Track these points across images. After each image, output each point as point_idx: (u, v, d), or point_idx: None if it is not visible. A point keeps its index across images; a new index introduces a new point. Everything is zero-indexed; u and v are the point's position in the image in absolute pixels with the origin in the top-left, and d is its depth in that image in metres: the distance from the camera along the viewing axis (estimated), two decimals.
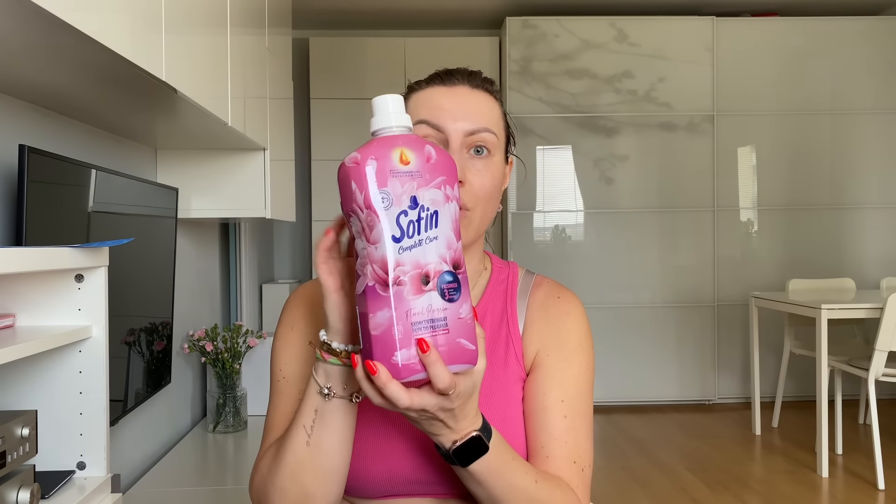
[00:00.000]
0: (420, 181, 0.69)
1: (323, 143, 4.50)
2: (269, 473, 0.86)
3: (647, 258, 4.46)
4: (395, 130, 0.71)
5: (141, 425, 2.18)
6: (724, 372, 4.49)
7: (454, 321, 0.70)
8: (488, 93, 0.95)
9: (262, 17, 2.32)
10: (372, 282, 0.68)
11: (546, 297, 0.99)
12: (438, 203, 0.70)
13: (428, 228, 0.69)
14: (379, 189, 0.68)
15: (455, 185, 0.72)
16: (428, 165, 0.70)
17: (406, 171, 0.68)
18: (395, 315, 0.67)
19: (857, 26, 4.46)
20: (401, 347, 0.68)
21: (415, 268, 0.68)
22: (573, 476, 0.90)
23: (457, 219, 0.71)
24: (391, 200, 0.68)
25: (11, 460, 0.99)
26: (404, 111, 0.72)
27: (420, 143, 0.71)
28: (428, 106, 0.92)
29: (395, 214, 0.68)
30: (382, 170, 0.68)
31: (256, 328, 3.60)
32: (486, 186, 0.91)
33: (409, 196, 0.68)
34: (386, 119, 0.71)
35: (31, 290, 1.15)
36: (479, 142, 0.91)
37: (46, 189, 1.36)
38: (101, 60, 1.15)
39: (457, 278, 0.70)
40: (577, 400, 0.93)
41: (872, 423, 3.09)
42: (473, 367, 0.72)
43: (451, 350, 0.70)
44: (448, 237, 0.70)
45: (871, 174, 4.50)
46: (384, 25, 4.74)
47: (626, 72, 4.41)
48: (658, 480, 3.17)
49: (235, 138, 2.05)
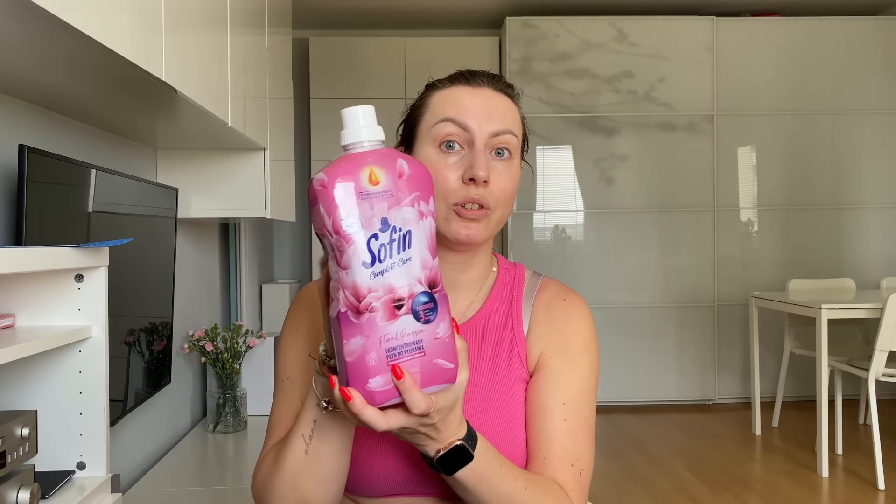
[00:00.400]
0: (391, 201, 0.66)
1: (323, 143, 4.50)
2: (269, 478, 0.87)
3: (647, 258, 4.46)
4: (365, 146, 0.68)
5: (141, 425, 2.18)
6: (724, 372, 4.49)
7: (430, 342, 0.68)
8: (509, 97, 0.96)
9: (261, 17, 2.32)
10: (344, 308, 0.66)
11: (552, 299, 0.99)
12: (411, 222, 0.67)
13: (401, 250, 0.67)
14: (347, 213, 0.65)
15: (430, 199, 0.69)
16: (400, 182, 0.67)
17: (376, 192, 0.66)
18: (368, 342, 0.66)
19: (857, 26, 4.46)
20: (374, 374, 0.67)
21: (387, 293, 0.66)
22: (569, 479, 0.90)
23: (432, 235, 0.69)
24: (361, 224, 0.65)
25: (11, 460, 0.99)
26: (376, 123, 0.70)
27: (391, 157, 0.68)
28: (454, 104, 0.92)
29: (366, 239, 0.65)
30: (351, 192, 0.65)
31: (256, 328, 3.60)
32: (507, 189, 0.91)
33: (379, 218, 0.66)
34: (356, 133, 0.69)
35: (31, 290, 1.15)
36: (503, 144, 0.91)
37: (46, 189, 1.36)
38: (101, 60, 1.15)
39: (433, 298, 0.68)
40: (578, 403, 0.93)
41: (872, 423, 3.09)
42: (451, 386, 0.72)
43: (428, 372, 0.68)
44: (423, 256, 0.68)
45: (871, 174, 4.50)
46: (384, 25, 4.74)
47: (626, 72, 4.41)
48: (658, 480, 3.17)
49: (235, 138, 2.05)
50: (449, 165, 0.89)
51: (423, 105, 0.95)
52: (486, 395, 0.92)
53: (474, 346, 0.95)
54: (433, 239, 0.70)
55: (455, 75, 0.96)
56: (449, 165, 0.89)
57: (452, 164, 0.90)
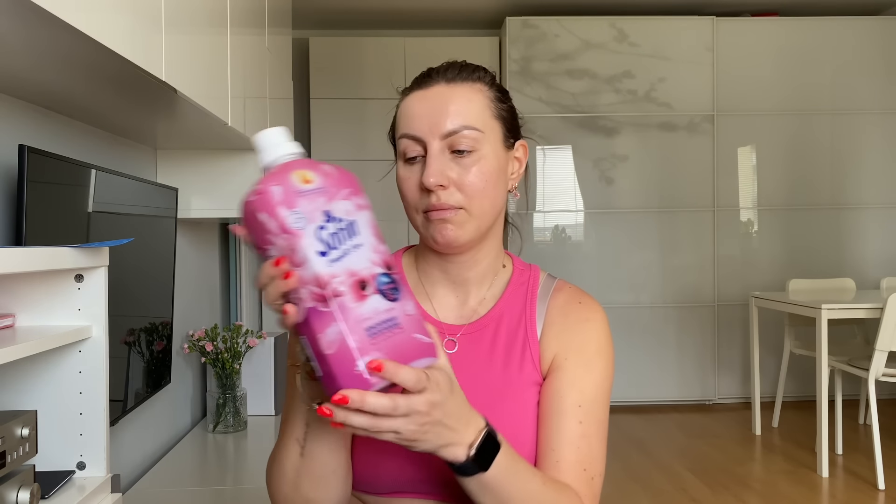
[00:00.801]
0: (327, 195, 0.68)
1: (323, 143, 4.50)
2: (273, 481, 0.88)
3: (647, 258, 4.46)
4: (286, 158, 0.71)
5: (141, 425, 2.18)
6: (724, 372, 4.49)
7: (404, 318, 0.69)
8: (469, 82, 0.92)
9: (261, 17, 2.32)
10: (311, 303, 0.66)
11: (567, 303, 0.97)
12: (352, 213, 0.69)
13: (350, 237, 0.68)
14: (290, 210, 0.67)
15: (362, 194, 0.72)
16: (330, 181, 0.69)
17: (311, 189, 0.68)
18: (346, 326, 0.66)
19: (857, 26, 4.46)
20: (362, 355, 0.66)
21: (350, 276, 0.67)
22: (581, 483, 0.88)
23: (375, 224, 0.71)
24: (306, 219, 0.67)
25: (11, 460, 0.99)
26: (290, 139, 0.72)
27: (314, 163, 0.70)
28: (406, 116, 0.92)
29: (314, 230, 0.67)
30: (288, 192, 0.67)
31: (256, 328, 3.60)
32: (475, 182, 0.89)
33: (321, 211, 0.67)
34: (274, 150, 0.71)
35: (31, 290, 1.15)
36: (457, 144, 0.89)
37: (46, 189, 1.36)
38: (101, 60, 1.15)
39: (393, 279, 0.70)
40: (593, 406, 0.91)
41: (872, 423, 3.09)
42: (437, 361, 0.72)
43: (410, 348, 0.69)
44: (372, 242, 0.70)
45: (871, 174, 4.50)
46: (384, 25, 4.74)
47: (626, 72, 4.41)
48: (658, 480, 3.17)
49: (235, 138, 2.05)
50: (411, 177, 0.91)
51: (395, 116, 0.95)
52: (498, 394, 0.91)
53: (485, 344, 0.94)
54: (377, 228, 0.71)
55: (414, 80, 0.95)
56: (411, 177, 0.91)
57: (413, 174, 0.90)
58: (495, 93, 0.95)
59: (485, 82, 0.94)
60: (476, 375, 0.92)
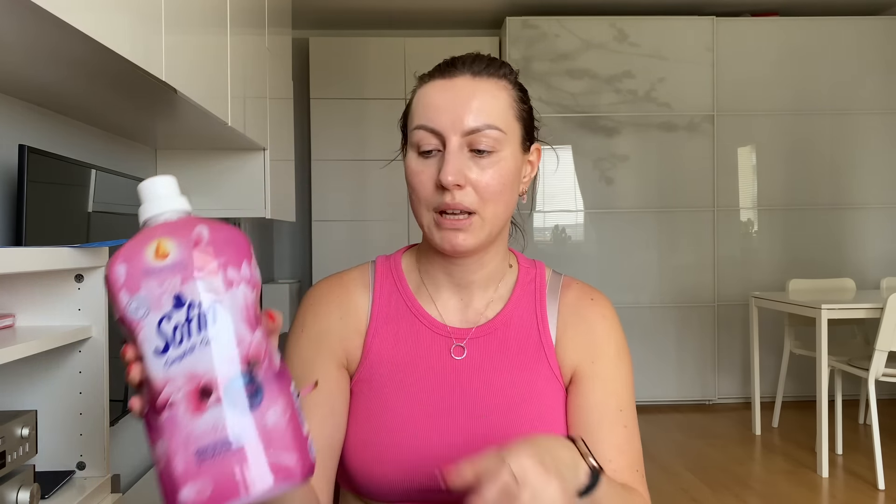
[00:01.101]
0: (184, 274, 0.57)
1: (323, 143, 4.50)
2: None
3: (647, 258, 4.46)
4: (162, 218, 0.61)
5: (141, 425, 2.18)
6: (724, 372, 4.49)
7: (260, 433, 0.56)
8: (495, 78, 0.88)
9: (261, 17, 2.32)
10: (147, 406, 0.58)
11: (578, 300, 0.96)
12: (216, 293, 0.57)
13: (202, 328, 0.56)
14: (131, 296, 0.57)
15: (244, 263, 0.59)
16: (197, 251, 0.58)
17: (164, 267, 0.57)
18: (172, 445, 0.55)
19: (857, 26, 4.46)
20: (184, 484, 0.55)
21: (189, 381, 0.56)
22: (638, 483, 0.89)
23: (248, 305, 0.59)
24: (148, 307, 0.56)
25: (11, 460, 0.99)
26: (178, 193, 0.62)
27: (188, 226, 0.59)
28: (426, 105, 0.86)
29: (156, 321, 0.56)
30: (133, 272, 0.57)
31: None
32: (492, 185, 0.85)
33: (171, 295, 0.57)
34: (155, 205, 0.61)
35: (31, 290, 1.15)
36: (478, 143, 0.84)
37: (46, 189, 1.36)
38: (101, 60, 1.15)
39: (254, 379, 0.57)
40: (630, 405, 0.93)
41: (872, 423, 3.09)
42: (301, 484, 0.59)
43: (259, 475, 0.55)
44: (236, 331, 0.57)
45: (871, 174, 4.50)
46: (384, 25, 4.74)
47: (626, 72, 4.41)
48: (658, 480, 3.17)
49: (235, 138, 2.05)
50: (425, 171, 0.86)
51: (410, 104, 0.90)
52: (517, 398, 0.90)
53: (496, 347, 0.92)
54: (252, 309, 0.59)
55: (434, 68, 0.89)
56: (425, 171, 0.86)
57: (428, 168, 0.86)
58: (518, 92, 0.91)
59: (510, 80, 0.90)
60: (490, 380, 0.90)
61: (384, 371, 0.90)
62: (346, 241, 4.48)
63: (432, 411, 0.88)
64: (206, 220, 0.60)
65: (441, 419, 0.88)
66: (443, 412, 0.89)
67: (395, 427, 0.88)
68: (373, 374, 0.90)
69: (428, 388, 0.89)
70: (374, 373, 0.90)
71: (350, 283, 0.96)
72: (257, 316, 0.60)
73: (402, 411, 0.88)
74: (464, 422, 0.88)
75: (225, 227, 0.61)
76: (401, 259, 0.99)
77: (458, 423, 0.88)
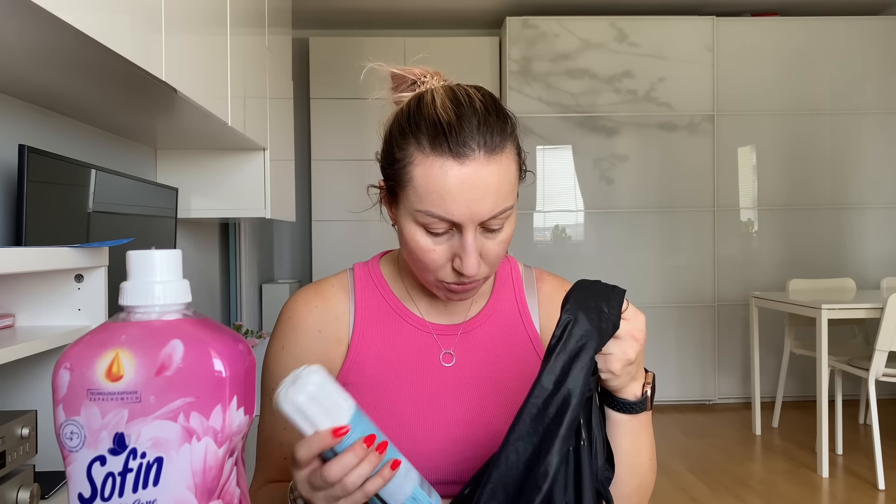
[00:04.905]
0: (136, 408, 0.45)
1: (323, 143, 4.50)
2: None
3: (647, 258, 4.46)
4: (139, 313, 0.48)
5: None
6: (724, 372, 4.49)
7: None
8: (505, 150, 0.81)
9: (261, 17, 2.32)
10: None
11: (554, 292, 0.99)
12: (167, 444, 0.45)
13: (140, 486, 0.45)
14: (66, 417, 0.46)
15: (216, 409, 0.46)
16: (159, 381, 0.45)
17: (114, 392, 0.45)
18: None
19: (857, 26, 4.46)
20: None
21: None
22: None
23: (212, 466, 0.46)
24: (83, 438, 0.45)
25: (11, 460, 0.99)
26: (176, 276, 0.50)
27: (161, 336, 0.46)
28: (435, 192, 0.78)
29: (87, 461, 0.45)
30: (76, 386, 0.45)
31: (256, 328, 3.60)
32: (501, 252, 0.85)
33: (112, 433, 0.45)
34: (138, 292, 0.49)
35: (31, 290, 1.15)
36: (493, 225, 0.81)
37: (46, 189, 1.36)
38: (101, 60, 1.15)
39: None
40: None
41: (872, 423, 3.09)
42: None
43: None
44: (182, 500, 0.45)
45: (871, 174, 4.50)
46: (384, 25, 4.74)
47: (626, 72, 4.41)
48: (658, 480, 3.17)
49: (235, 138, 2.05)
50: (436, 249, 0.82)
51: (405, 171, 0.81)
52: (514, 393, 0.90)
53: (483, 342, 0.94)
54: (213, 473, 0.47)
55: (438, 138, 0.79)
56: (436, 249, 0.82)
57: (440, 247, 0.82)
58: (517, 143, 0.85)
59: (513, 139, 0.83)
60: (483, 379, 0.91)
61: (373, 370, 0.91)
62: (346, 241, 4.48)
63: (425, 408, 0.89)
64: (191, 328, 0.46)
65: (435, 415, 0.89)
66: (436, 409, 0.89)
67: (387, 421, 0.88)
68: (361, 376, 0.90)
69: (420, 388, 0.90)
70: (362, 374, 0.90)
71: (328, 291, 0.95)
72: (220, 482, 0.46)
73: (394, 407, 0.88)
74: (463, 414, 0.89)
75: (208, 350, 0.46)
76: (378, 265, 0.98)
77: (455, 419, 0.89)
